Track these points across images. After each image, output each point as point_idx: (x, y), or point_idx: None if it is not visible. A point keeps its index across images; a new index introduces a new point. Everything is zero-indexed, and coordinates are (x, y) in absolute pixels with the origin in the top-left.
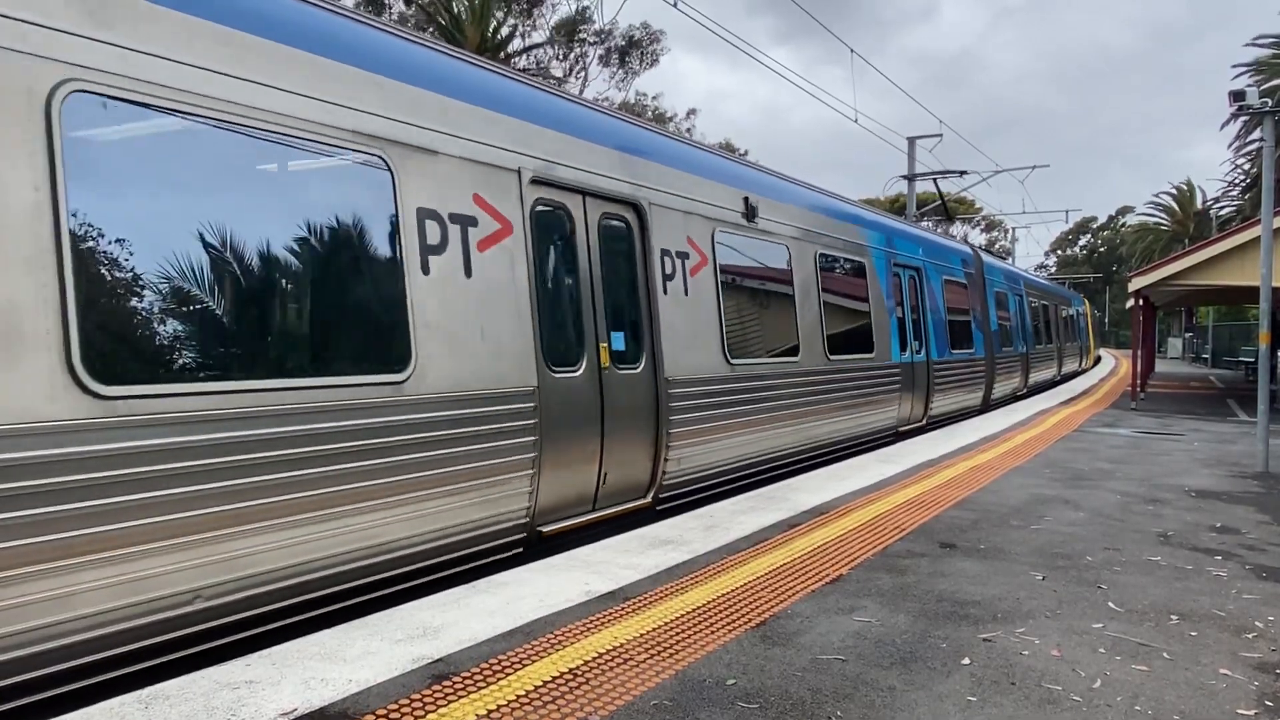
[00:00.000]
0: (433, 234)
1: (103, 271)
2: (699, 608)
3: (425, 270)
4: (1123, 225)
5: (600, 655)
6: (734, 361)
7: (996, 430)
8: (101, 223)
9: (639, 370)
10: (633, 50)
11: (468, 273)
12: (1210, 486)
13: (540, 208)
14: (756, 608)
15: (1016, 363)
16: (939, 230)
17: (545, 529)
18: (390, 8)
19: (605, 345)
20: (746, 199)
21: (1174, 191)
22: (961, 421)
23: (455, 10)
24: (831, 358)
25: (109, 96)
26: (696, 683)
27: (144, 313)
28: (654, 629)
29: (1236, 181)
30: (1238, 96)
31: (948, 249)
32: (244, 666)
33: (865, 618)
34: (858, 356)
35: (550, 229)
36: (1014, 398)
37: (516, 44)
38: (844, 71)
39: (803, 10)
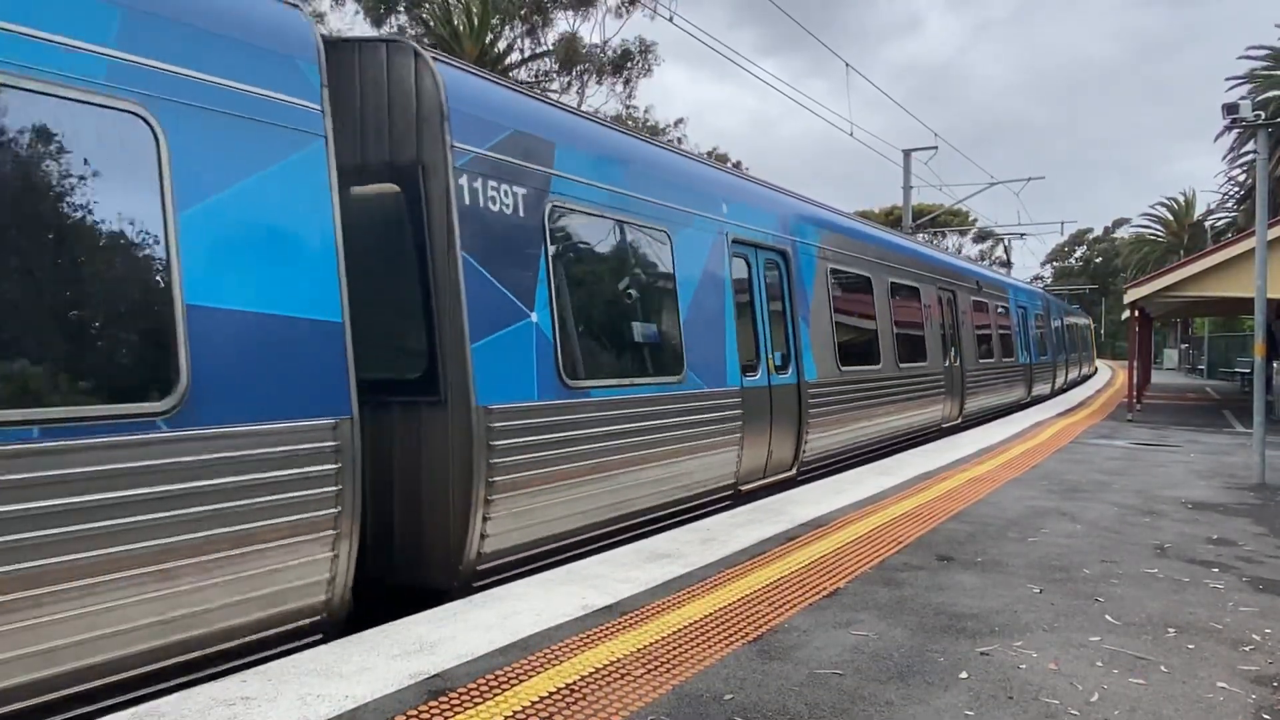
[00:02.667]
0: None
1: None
2: (696, 622)
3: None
4: (1117, 238)
5: (597, 670)
6: (981, 362)
7: (993, 442)
8: None
9: (959, 364)
10: (626, 63)
11: (926, 324)
12: (1207, 498)
13: (940, 294)
14: (754, 621)
15: (1064, 364)
16: (934, 243)
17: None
18: (389, 21)
19: (951, 352)
20: (978, 281)
21: (1168, 203)
22: (1043, 402)
23: (455, 24)
24: (1002, 360)
25: None
26: (694, 698)
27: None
28: (651, 643)
29: (1231, 193)
30: (1231, 109)
31: (1034, 293)
32: (240, 683)
33: (863, 631)
34: (1010, 360)
35: (941, 304)
36: (1061, 390)
37: (514, 57)
38: (830, 84)
39: (795, 23)
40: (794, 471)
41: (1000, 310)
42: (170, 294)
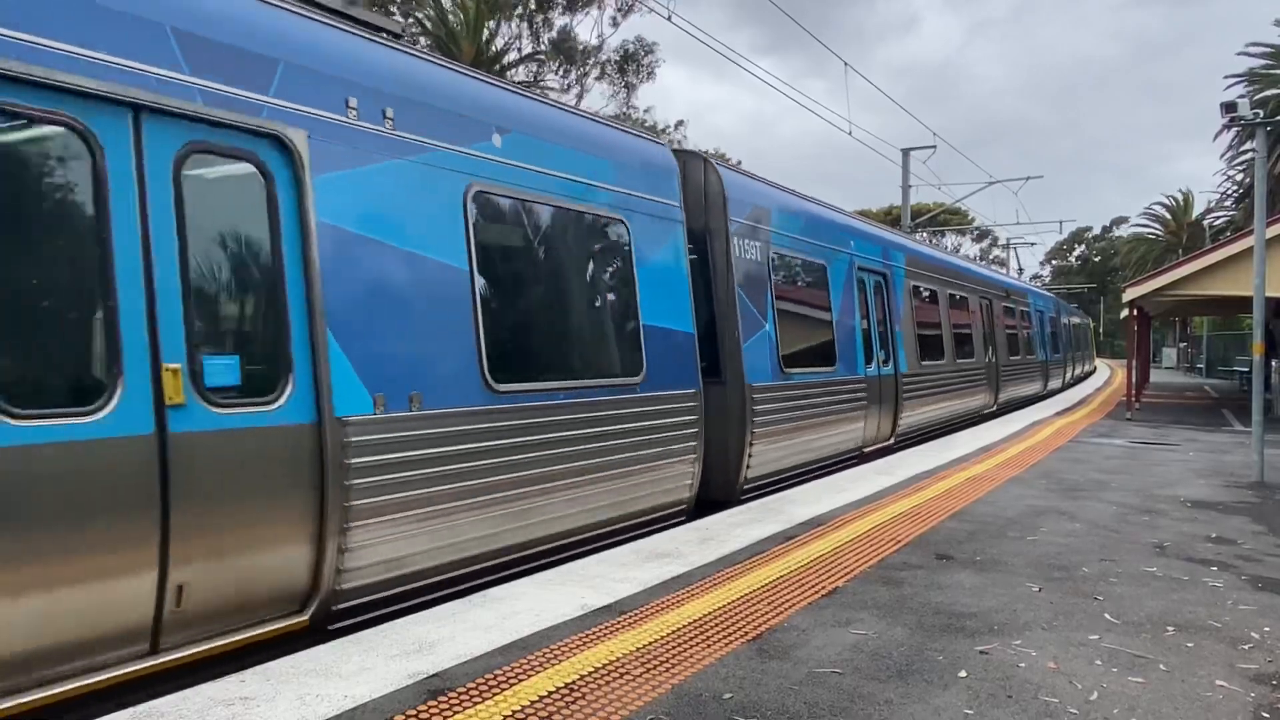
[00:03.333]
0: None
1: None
2: (695, 621)
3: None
4: (1116, 237)
5: (596, 670)
6: (1011, 359)
7: (992, 441)
8: None
9: (995, 361)
10: (628, 64)
11: (973, 328)
12: (1206, 497)
13: (981, 301)
14: (753, 620)
15: (1072, 360)
16: (932, 241)
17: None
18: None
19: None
20: (1007, 289)
21: (1167, 202)
22: (1061, 393)
23: (451, 23)
24: (1025, 357)
25: None
26: (693, 697)
27: None
28: (650, 643)
29: (1229, 192)
30: (1230, 108)
31: (1048, 297)
32: (239, 683)
33: (862, 630)
34: (1032, 357)
35: (982, 310)
36: (1070, 384)
37: (512, 56)
38: (828, 84)
39: (794, 23)
40: (892, 440)
41: (1023, 314)
42: (638, 318)
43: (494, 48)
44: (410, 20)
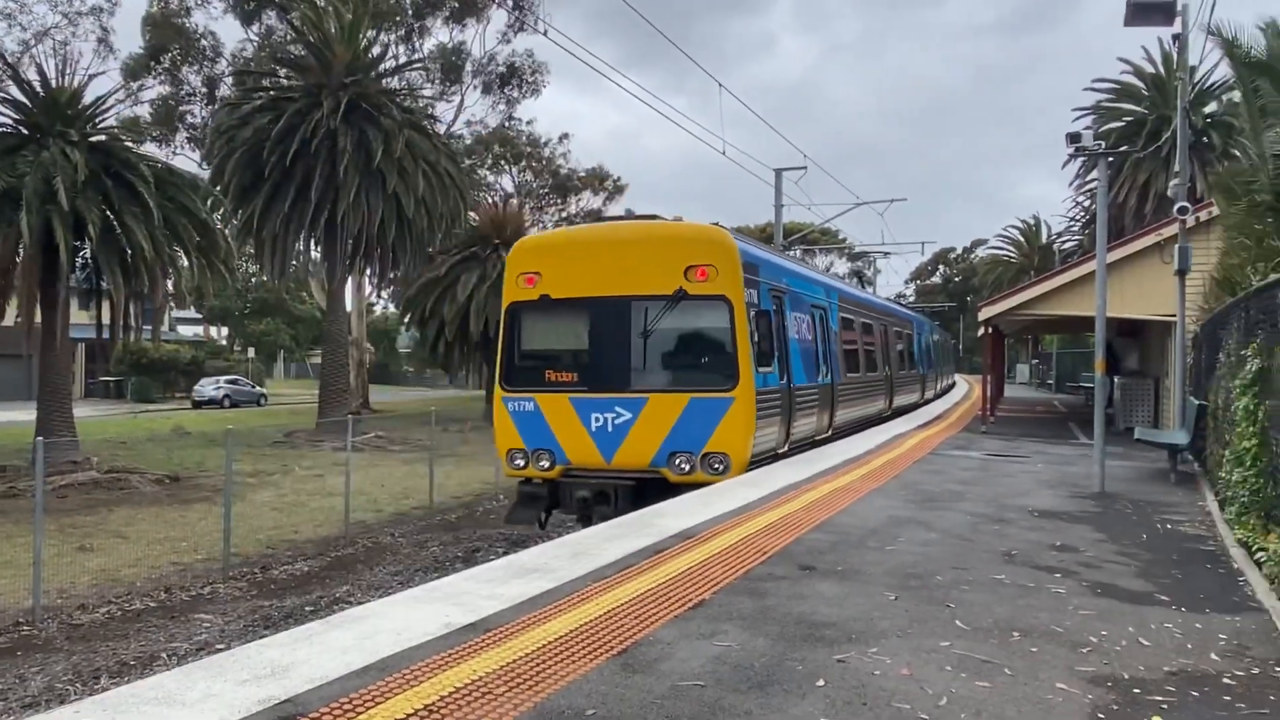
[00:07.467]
0: None
1: None
2: (561, 637)
3: None
4: (975, 258)
5: (458, 690)
6: (901, 372)
7: (858, 453)
8: None
9: (890, 373)
10: (513, 78)
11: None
12: (1052, 506)
13: (889, 328)
14: (619, 635)
15: (941, 373)
16: (804, 259)
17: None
18: (259, 20)
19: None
20: (895, 314)
21: (1020, 226)
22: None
23: (326, 28)
24: (910, 372)
25: None
26: (555, 714)
27: None
28: (514, 660)
29: (1077, 217)
30: (1074, 138)
31: (923, 321)
32: (73, 713)
33: (726, 642)
34: (915, 371)
35: (885, 336)
36: (944, 392)
37: (390, 64)
38: (690, 100)
39: (677, 47)
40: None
41: (908, 335)
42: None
43: (370, 54)
44: (291, 19)
